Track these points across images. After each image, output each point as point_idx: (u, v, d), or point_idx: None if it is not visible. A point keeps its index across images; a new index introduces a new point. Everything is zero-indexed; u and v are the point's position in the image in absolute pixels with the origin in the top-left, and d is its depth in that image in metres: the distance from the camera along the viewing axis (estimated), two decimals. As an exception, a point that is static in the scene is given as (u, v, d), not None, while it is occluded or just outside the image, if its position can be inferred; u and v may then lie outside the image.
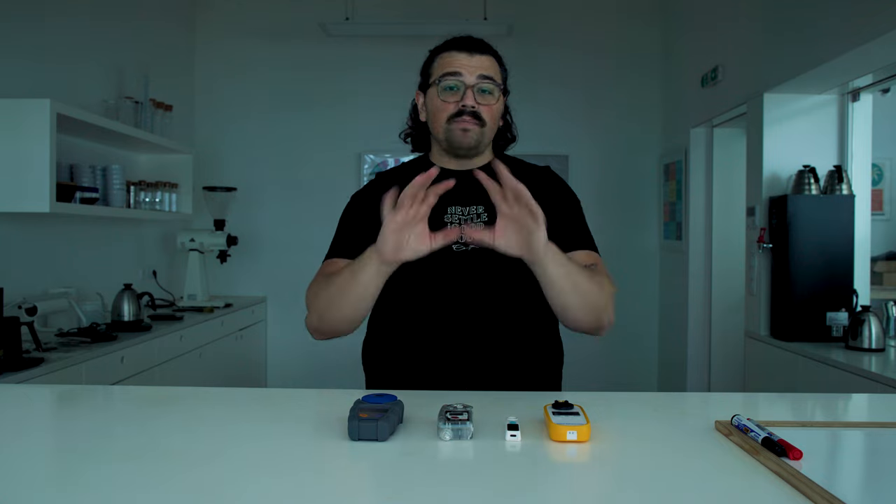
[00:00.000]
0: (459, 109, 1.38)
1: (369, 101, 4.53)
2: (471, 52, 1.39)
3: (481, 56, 1.40)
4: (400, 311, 1.43)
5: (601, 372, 4.41)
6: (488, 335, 1.37)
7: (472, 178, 1.45)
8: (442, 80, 1.39)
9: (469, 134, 1.39)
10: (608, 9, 4.56)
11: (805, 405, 1.33)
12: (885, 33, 2.24)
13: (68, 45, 3.21)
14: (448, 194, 1.42)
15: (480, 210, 1.42)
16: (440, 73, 1.40)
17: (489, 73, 1.39)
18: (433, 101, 1.42)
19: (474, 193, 1.43)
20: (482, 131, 1.40)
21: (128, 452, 0.94)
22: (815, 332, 2.83)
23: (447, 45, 1.42)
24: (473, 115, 1.38)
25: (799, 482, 0.79)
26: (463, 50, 1.39)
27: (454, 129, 1.40)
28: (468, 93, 1.38)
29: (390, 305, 1.45)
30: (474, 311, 1.38)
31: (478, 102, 1.38)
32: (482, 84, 1.38)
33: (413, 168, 1.52)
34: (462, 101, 1.38)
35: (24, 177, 2.56)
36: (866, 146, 3.05)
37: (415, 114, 1.53)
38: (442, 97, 1.40)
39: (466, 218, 1.41)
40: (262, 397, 1.34)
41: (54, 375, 2.26)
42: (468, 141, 1.40)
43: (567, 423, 0.97)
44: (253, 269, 4.59)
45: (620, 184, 4.54)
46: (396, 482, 0.85)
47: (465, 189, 1.44)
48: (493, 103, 1.40)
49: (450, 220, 1.41)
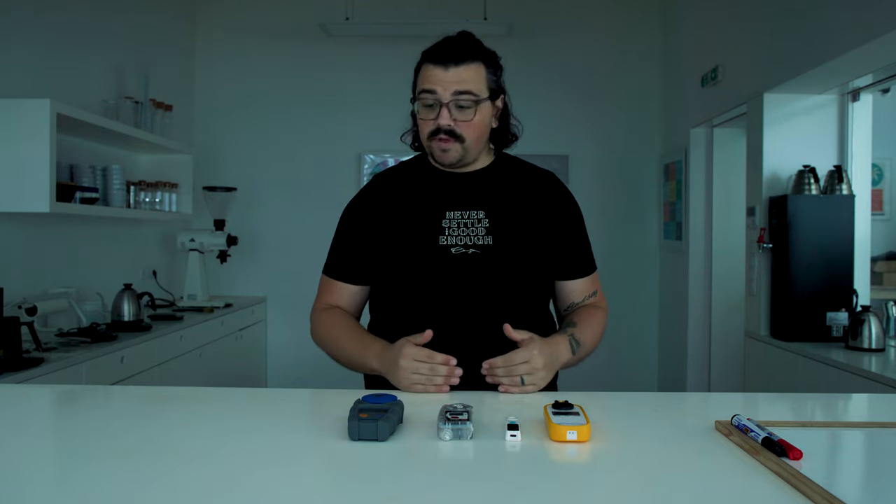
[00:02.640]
0: (436, 128, 1.36)
1: (369, 101, 4.53)
2: (447, 65, 1.33)
3: (458, 68, 1.33)
4: (400, 314, 1.43)
5: (601, 372, 4.41)
6: (486, 338, 1.36)
7: (472, 181, 1.46)
8: (419, 98, 1.37)
9: (448, 153, 1.38)
10: (608, 9, 4.56)
11: (805, 405, 1.33)
12: (885, 33, 2.24)
13: (68, 44, 3.21)
14: (446, 198, 1.43)
15: (482, 215, 1.41)
16: (419, 88, 1.38)
17: (466, 87, 1.34)
18: (417, 116, 1.41)
19: (474, 197, 1.43)
20: (462, 147, 1.38)
21: (128, 452, 0.94)
22: (815, 332, 2.83)
23: (426, 57, 1.38)
24: (450, 133, 1.35)
25: (799, 482, 0.79)
26: (439, 63, 1.34)
27: (434, 148, 1.39)
28: (443, 111, 1.34)
29: (390, 308, 1.45)
30: (473, 314, 1.38)
31: (455, 119, 1.35)
32: (458, 100, 1.33)
33: (411, 168, 1.52)
34: (437, 118, 1.35)
35: (24, 177, 2.56)
36: (866, 146, 3.05)
37: (414, 117, 1.53)
38: (421, 115, 1.39)
39: (466, 221, 1.41)
40: (262, 397, 1.34)
41: (54, 375, 2.26)
42: (448, 159, 1.39)
43: (567, 423, 0.97)
44: (253, 269, 4.58)
45: (620, 184, 4.54)
46: (396, 482, 0.85)
47: (464, 193, 1.44)
48: (470, 118, 1.35)
49: (448, 224, 1.40)
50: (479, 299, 1.38)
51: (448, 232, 1.40)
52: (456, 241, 1.39)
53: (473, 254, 1.38)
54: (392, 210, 1.44)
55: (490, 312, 1.37)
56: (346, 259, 1.48)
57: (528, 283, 1.42)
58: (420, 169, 1.49)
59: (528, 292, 1.43)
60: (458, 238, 1.39)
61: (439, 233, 1.39)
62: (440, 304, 1.38)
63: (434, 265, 1.38)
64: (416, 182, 1.47)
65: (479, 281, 1.38)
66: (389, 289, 1.44)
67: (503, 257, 1.38)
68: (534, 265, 1.41)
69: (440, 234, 1.39)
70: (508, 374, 1.26)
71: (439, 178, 1.46)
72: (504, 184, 1.46)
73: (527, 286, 1.42)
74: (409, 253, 1.39)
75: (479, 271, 1.38)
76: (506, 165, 1.50)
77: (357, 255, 1.46)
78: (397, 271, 1.41)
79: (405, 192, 1.46)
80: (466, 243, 1.39)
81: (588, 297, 1.50)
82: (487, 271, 1.38)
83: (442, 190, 1.44)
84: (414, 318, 1.38)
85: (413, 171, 1.50)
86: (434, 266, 1.38)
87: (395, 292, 1.43)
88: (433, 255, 1.38)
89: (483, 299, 1.38)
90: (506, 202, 1.43)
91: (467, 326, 1.37)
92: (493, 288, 1.38)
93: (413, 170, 1.51)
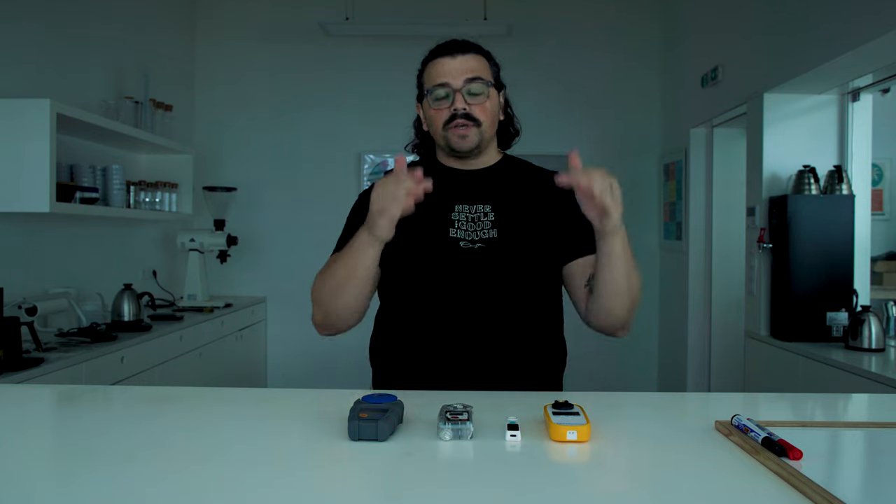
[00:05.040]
0: (452, 114, 1.40)
1: (369, 101, 4.53)
2: (454, 54, 1.41)
3: (465, 56, 1.41)
4: (406, 307, 1.44)
5: (601, 372, 4.41)
6: (494, 332, 1.38)
7: (479, 178, 1.48)
8: (432, 92, 1.42)
9: (467, 139, 1.42)
10: (608, 9, 4.56)
11: (805, 405, 1.33)
12: (885, 33, 2.24)
13: (68, 45, 3.21)
14: (455, 193, 1.45)
15: (488, 209, 1.44)
16: (429, 84, 1.43)
17: (476, 74, 1.41)
18: (428, 112, 1.45)
19: (481, 192, 1.46)
20: (479, 131, 1.42)
21: (128, 452, 0.93)
22: (815, 332, 2.83)
23: (433, 54, 1.45)
24: (466, 116, 1.40)
25: (799, 482, 0.79)
26: (446, 54, 1.41)
27: (451, 136, 1.42)
28: (457, 97, 1.40)
29: (397, 301, 1.46)
30: (480, 308, 1.39)
31: (468, 104, 1.40)
32: (470, 86, 1.40)
33: (419, 165, 1.53)
34: (453, 105, 1.40)
35: (24, 177, 2.56)
36: (866, 146, 3.05)
37: (418, 124, 1.56)
38: (434, 107, 1.43)
39: (474, 216, 1.43)
40: (262, 397, 1.34)
41: (54, 375, 2.26)
42: (467, 145, 1.43)
43: (567, 423, 0.97)
44: (253, 269, 4.58)
45: (620, 184, 4.52)
46: (396, 482, 0.85)
47: (472, 188, 1.47)
48: (484, 102, 1.42)
49: (457, 217, 1.43)
50: (485, 294, 1.39)
51: (458, 225, 1.42)
52: (464, 235, 1.41)
53: (480, 248, 1.40)
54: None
55: (496, 307, 1.39)
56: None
57: (534, 276, 1.43)
58: (429, 167, 1.51)
59: (533, 285, 1.43)
60: (466, 232, 1.41)
61: (449, 225, 1.42)
62: (447, 297, 1.39)
63: (444, 257, 1.40)
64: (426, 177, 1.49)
65: (485, 276, 1.39)
66: (399, 276, 1.44)
67: (507, 250, 1.40)
68: (538, 257, 1.43)
69: (450, 227, 1.42)
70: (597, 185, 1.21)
71: (448, 174, 1.49)
72: (510, 180, 1.49)
73: (532, 279, 1.43)
74: (420, 242, 1.41)
75: (485, 266, 1.39)
76: (511, 164, 1.54)
77: None
78: (408, 259, 1.42)
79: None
80: (474, 238, 1.41)
81: None
82: (493, 265, 1.39)
83: (451, 185, 1.46)
84: (421, 310, 1.40)
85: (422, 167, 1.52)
86: (444, 258, 1.40)
87: (404, 281, 1.44)
88: (443, 247, 1.41)
89: (489, 294, 1.39)
90: (511, 197, 1.46)
91: (473, 320, 1.38)
92: (499, 282, 1.40)
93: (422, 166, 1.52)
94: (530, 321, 1.42)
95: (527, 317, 1.42)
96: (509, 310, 1.40)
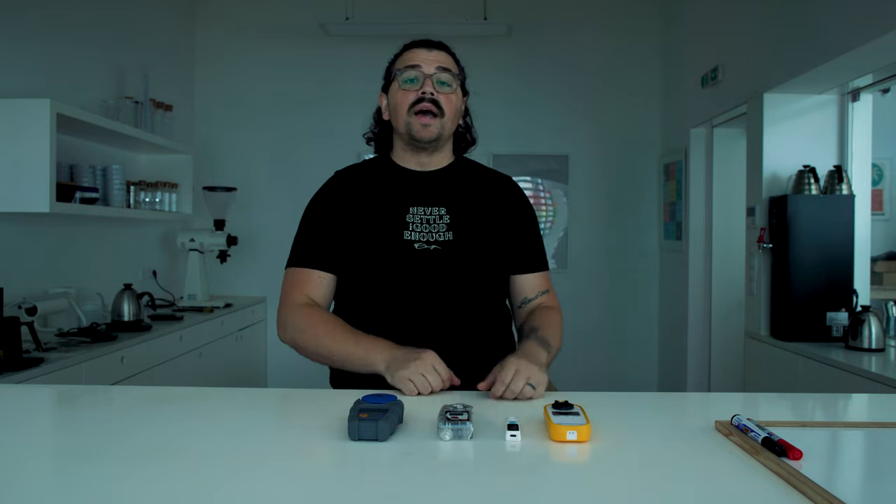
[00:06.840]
0: (419, 97, 1.42)
1: (369, 101, 4.47)
2: (429, 48, 1.47)
3: (439, 52, 1.47)
4: (361, 309, 1.45)
5: (601, 372, 4.41)
6: (448, 333, 1.40)
7: (434, 179, 1.49)
8: (402, 73, 1.45)
9: (429, 128, 1.43)
10: (608, 9, 4.56)
11: (805, 405, 1.33)
12: (885, 33, 2.24)
13: (68, 45, 3.21)
14: (410, 194, 1.46)
15: (443, 212, 1.45)
16: (401, 66, 1.47)
17: (447, 66, 1.46)
18: (395, 95, 1.47)
19: (436, 194, 1.48)
20: (441, 123, 1.44)
21: (128, 452, 0.94)
22: (815, 332, 2.83)
23: (407, 46, 1.51)
24: (433, 102, 1.43)
25: (799, 482, 0.79)
26: (421, 46, 1.47)
27: (414, 123, 1.44)
28: (427, 81, 1.43)
29: (352, 303, 1.48)
30: (435, 309, 1.41)
31: (437, 91, 1.43)
32: (440, 75, 1.44)
33: (374, 166, 1.56)
34: (421, 88, 1.43)
35: (24, 177, 2.56)
36: (866, 146, 3.05)
37: (378, 116, 1.58)
38: (403, 88, 1.45)
39: (428, 218, 1.45)
40: (262, 397, 1.34)
41: (54, 375, 2.26)
42: (428, 134, 1.44)
43: (567, 423, 0.97)
44: (253, 269, 4.58)
45: (620, 184, 4.54)
46: (396, 482, 0.85)
47: (426, 190, 1.48)
48: (451, 93, 1.45)
49: (412, 219, 1.44)
50: (440, 295, 1.41)
51: (412, 227, 1.43)
52: (419, 237, 1.42)
53: (435, 250, 1.42)
54: (357, 203, 1.48)
55: (451, 307, 1.41)
56: (315, 247, 1.48)
57: (487, 279, 1.47)
58: (383, 167, 1.54)
59: (486, 287, 1.47)
60: (420, 234, 1.43)
61: (403, 227, 1.43)
62: (403, 299, 1.41)
63: (398, 260, 1.42)
64: (380, 178, 1.52)
65: (440, 277, 1.41)
66: (354, 281, 1.45)
67: (463, 253, 1.43)
68: (492, 261, 1.46)
69: (404, 229, 1.43)
70: (513, 392, 1.22)
71: (402, 175, 1.51)
72: (464, 183, 1.52)
73: (485, 281, 1.46)
74: (374, 245, 1.43)
75: (440, 267, 1.41)
76: (465, 166, 1.57)
77: (326, 243, 1.47)
78: (363, 263, 1.43)
79: (370, 187, 1.50)
80: (429, 240, 1.43)
81: (540, 293, 1.55)
82: (448, 267, 1.41)
83: (405, 186, 1.48)
84: (378, 310, 1.42)
85: (376, 168, 1.56)
86: (398, 261, 1.41)
87: (359, 284, 1.45)
88: (398, 250, 1.42)
89: (444, 294, 1.41)
90: (466, 200, 1.48)
91: (428, 320, 1.40)
92: (454, 283, 1.42)
93: (376, 167, 1.56)
94: (483, 322, 1.46)
95: (480, 317, 1.45)
96: (464, 311, 1.42)
